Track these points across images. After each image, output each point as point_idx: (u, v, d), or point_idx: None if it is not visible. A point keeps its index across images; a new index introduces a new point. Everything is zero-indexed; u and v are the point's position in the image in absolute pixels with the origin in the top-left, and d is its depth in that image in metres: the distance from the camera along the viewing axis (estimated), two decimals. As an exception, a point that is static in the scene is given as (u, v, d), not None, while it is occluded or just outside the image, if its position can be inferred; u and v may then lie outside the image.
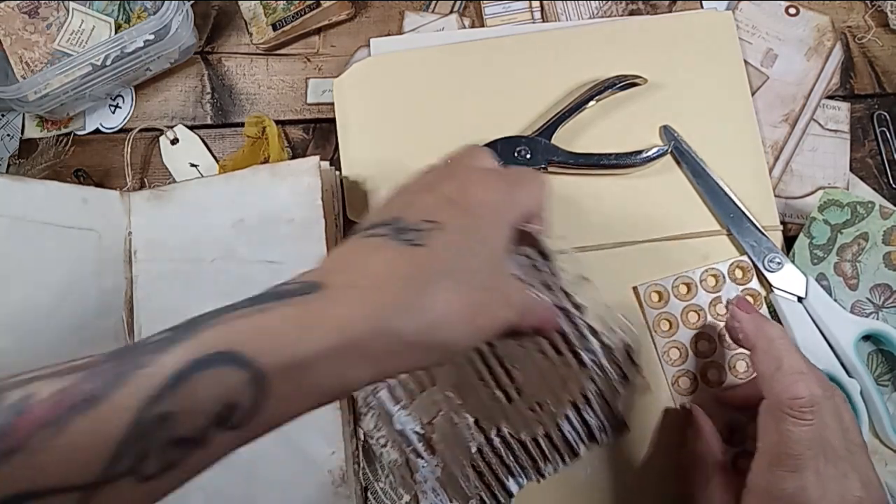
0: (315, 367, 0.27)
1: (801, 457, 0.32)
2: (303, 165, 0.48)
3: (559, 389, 0.39)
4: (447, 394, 0.39)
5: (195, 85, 0.58)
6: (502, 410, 0.39)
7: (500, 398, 0.39)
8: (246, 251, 0.48)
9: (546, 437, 0.39)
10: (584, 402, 0.39)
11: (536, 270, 0.38)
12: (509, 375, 0.39)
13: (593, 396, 0.39)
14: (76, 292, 0.47)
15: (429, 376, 0.39)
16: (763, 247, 0.48)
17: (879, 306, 0.47)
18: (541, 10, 0.56)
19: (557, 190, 0.50)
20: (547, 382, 0.39)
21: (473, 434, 0.39)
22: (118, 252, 0.49)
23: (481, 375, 0.39)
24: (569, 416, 0.39)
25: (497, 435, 0.39)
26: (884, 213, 0.47)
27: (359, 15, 0.58)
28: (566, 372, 0.39)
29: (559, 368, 0.39)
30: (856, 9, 0.55)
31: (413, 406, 0.39)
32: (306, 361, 0.27)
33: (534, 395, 0.39)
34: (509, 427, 0.39)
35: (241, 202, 0.48)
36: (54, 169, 0.55)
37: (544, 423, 0.39)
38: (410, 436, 0.39)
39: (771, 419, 0.34)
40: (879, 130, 0.53)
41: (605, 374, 0.39)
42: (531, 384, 0.39)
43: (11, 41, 0.55)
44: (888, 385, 0.46)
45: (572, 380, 0.39)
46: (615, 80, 0.51)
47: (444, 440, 0.39)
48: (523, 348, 0.39)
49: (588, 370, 0.39)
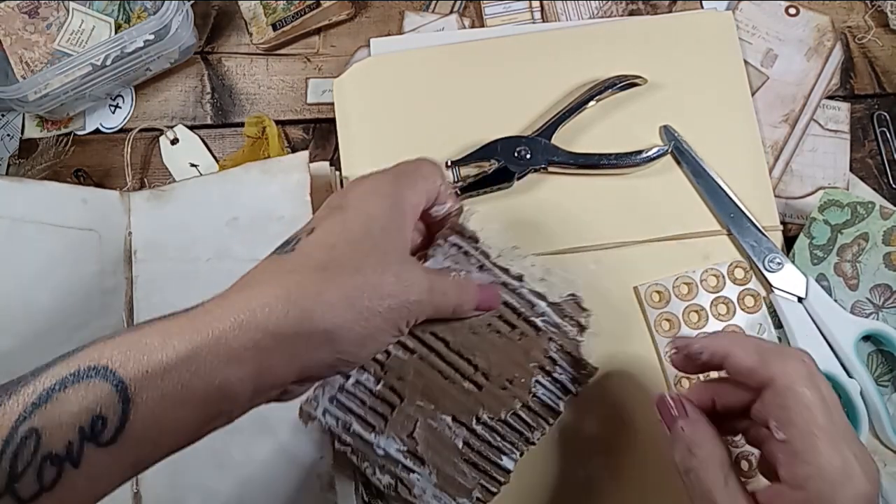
0: (177, 371, 0.27)
1: (824, 428, 0.30)
2: (292, 162, 0.48)
3: (523, 360, 0.40)
4: (418, 404, 0.39)
5: (195, 85, 0.58)
6: (476, 399, 0.40)
7: (470, 389, 0.40)
8: (240, 250, 0.48)
9: (525, 408, 0.40)
10: (551, 363, 0.40)
11: (466, 255, 0.40)
12: (472, 365, 0.40)
13: (556, 355, 0.40)
14: (76, 292, 0.47)
15: (394, 394, 0.39)
16: (763, 247, 0.48)
17: (879, 306, 0.47)
18: (541, 10, 0.56)
19: (557, 190, 0.51)
20: (510, 358, 0.40)
21: (455, 431, 0.39)
22: (118, 252, 0.49)
23: (445, 374, 0.39)
24: (540, 381, 0.40)
25: (478, 423, 0.40)
26: (884, 213, 0.47)
27: (359, 15, 0.58)
28: (525, 341, 0.40)
29: (517, 340, 0.40)
30: (856, 9, 0.55)
31: (388, 427, 0.39)
32: (168, 365, 0.27)
33: (501, 374, 0.40)
34: (487, 412, 0.40)
35: (235, 200, 0.48)
36: (54, 169, 0.55)
37: (519, 396, 0.40)
38: (396, 455, 0.39)
39: (781, 402, 0.31)
40: (879, 130, 0.53)
41: (560, 331, 0.41)
42: (496, 365, 0.40)
43: (11, 41, 0.55)
44: (888, 385, 0.46)
45: (533, 347, 0.40)
46: (615, 80, 0.51)
47: (429, 447, 0.39)
48: (476, 335, 0.40)
49: (545, 332, 0.40)
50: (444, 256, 0.39)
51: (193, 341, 0.28)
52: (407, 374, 0.39)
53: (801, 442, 0.30)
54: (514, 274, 0.40)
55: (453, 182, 0.50)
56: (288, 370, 0.30)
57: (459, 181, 0.50)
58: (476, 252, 0.40)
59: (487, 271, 0.40)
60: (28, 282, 0.46)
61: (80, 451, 0.26)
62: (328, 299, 0.30)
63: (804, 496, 0.30)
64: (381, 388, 0.39)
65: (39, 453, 0.26)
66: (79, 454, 0.26)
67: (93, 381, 0.27)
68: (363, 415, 0.39)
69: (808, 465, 0.30)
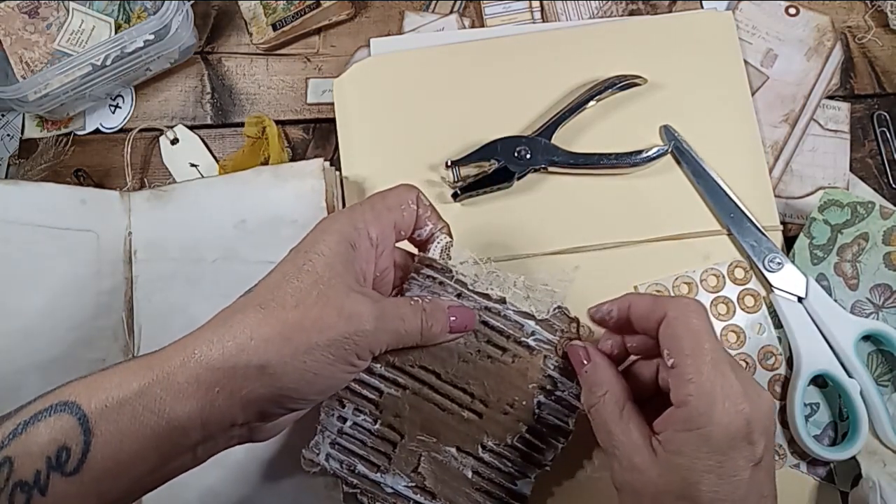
0: (130, 405, 0.30)
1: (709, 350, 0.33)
2: (306, 168, 0.48)
3: (521, 382, 0.39)
4: (419, 438, 0.39)
5: (195, 85, 0.58)
6: (478, 427, 0.39)
7: (470, 418, 0.39)
8: (248, 252, 0.48)
9: (531, 431, 0.39)
10: (551, 382, 0.40)
11: (442, 286, 0.39)
12: (468, 393, 0.39)
13: (555, 373, 0.40)
14: (75, 293, 0.47)
15: (394, 431, 0.39)
16: (763, 247, 0.48)
17: (879, 306, 0.47)
18: (541, 10, 0.56)
19: (557, 190, 0.51)
20: (506, 382, 0.39)
21: (462, 461, 0.39)
22: (118, 252, 0.49)
23: (442, 406, 0.39)
24: (541, 402, 0.39)
25: (484, 451, 0.39)
26: (884, 213, 0.47)
27: (359, 15, 0.58)
28: (519, 363, 0.39)
29: (511, 363, 0.39)
30: (856, 9, 0.55)
31: (392, 464, 0.39)
32: (123, 400, 0.30)
33: (500, 399, 0.39)
34: (492, 439, 0.39)
35: (242, 203, 0.49)
36: (54, 169, 0.55)
37: (523, 420, 0.39)
38: (405, 492, 0.39)
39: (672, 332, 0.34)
40: (879, 130, 0.53)
41: (554, 346, 0.40)
42: (493, 391, 0.39)
43: (11, 41, 0.55)
44: (888, 385, 0.46)
45: (529, 368, 0.39)
46: (615, 80, 0.51)
47: (437, 481, 0.39)
48: (467, 363, 0.39)
49: (538, 351, 0.40)
50: (420, 289, 0.39)
51: (147, 377, 0.31)
52: (403, 410, 0.39)
53: (687, 364, 0.33)
54: (495, 298, 0.40)
55: (453, 182, 0.50)
56: (230, 404, 0.32)
57: (459, 181, 0.50)
58: (451, 282, 0.39)
59: (466, 298, 0.39)
60: (27, 283, 0.46)
61: (47, 479, 0.29)
62: (263, 334, 0.31)
63: (685, 413, 0.32)
64: (380, 427, 0.39)
65: (11, 480, 0.28)
66: (45, 483, 0.29)
67: (61, 414, 0.29)
68: (366, 455, 0.39)
69: (690, 384, 0.32)
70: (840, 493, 0.45)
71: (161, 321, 0.48)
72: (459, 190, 0.50)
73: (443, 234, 0.40)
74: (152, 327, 0.48)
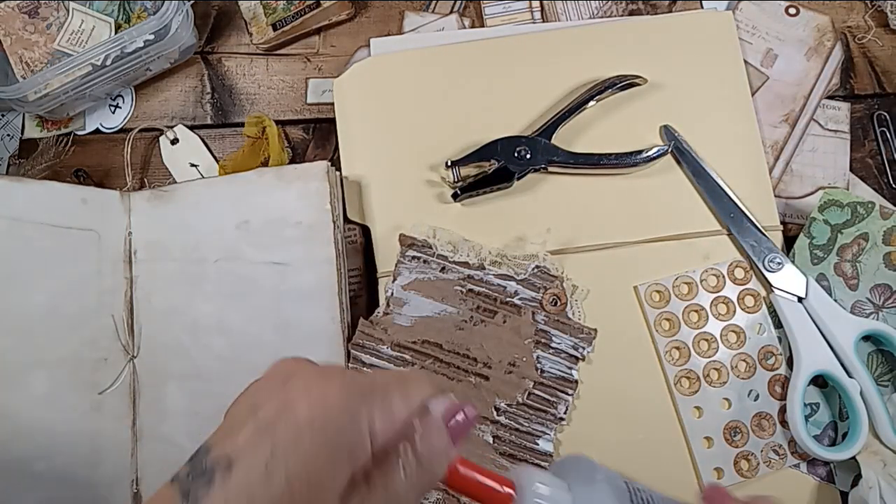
0: None
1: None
2: (311, 170, 0.48)
3: (517, 339, 0.41)
4: None
5: (195, 85, 0.58)
6: (488, 390, 0.40)
7: (478, 383, 0.40)
8: (251, 252, 0.48)
9: (539, 385, 0.40)
10: (544, 335, 0.41)
11: (426, 263, 0.42)
12: (471, 358, 0.40)
13: (546, 326, 0.41)
14: (75, 292, 0.47)
15: None
16: (763, 247, 0.48)
17: (879, 306, 0.47)
18: (541, 10, 0.56)
19: (557, 190, 0.51)
20: (503, 341, 0.41)
21: (480, 427, 0.40)
22: (118, 252, 0.49)
23: (450, 376, 0.40)
24: (541, 355, 0.41)
25: (499, 414, 0.40)
26: (884, 213, 0.47)
27: (359, 15, 0.58)
28: (511, 322, 0.41)
29: (503, 324, 0.41)
30: (856, 9, 0.55)
31: None
32: None
33: (502, 359, 0.40)
34: (503, 400, 0.40)
35: (245, 204, 0.49)
36: (54, 169, 0.55)
37: (528, 375, 0.40)
38: None
39: None
40: (879, 130, 0.53)
41: (539, 301, 0.41)
42: (493, 352, 0.41)
43: (11, 41, 0.55)
44: (888, 385, 0.46)
45: (521, 325, 0.41)
46: (615, 80, 0.51)
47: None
48: (463, 330, 0.41)
49: (525, 308, 0.41)
50: (409, 271, 0.41)
51: None
52: None
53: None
54: (474, 265, 0.41)
55: (453, 182, 0.50)
56: None
57: (459, 181, 0.50)
58: (433, 258, 0.41)
59: (449, 271, 0.41)
60: (27, 282, 0.46)
61: None
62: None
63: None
64: None
65: None
66: None
67: None
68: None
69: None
70: (840, 493, 0.45)
71: (161, 321, 0.48)
72: (459, 190, 0.49)
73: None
74: (152, 327, 0.48)
